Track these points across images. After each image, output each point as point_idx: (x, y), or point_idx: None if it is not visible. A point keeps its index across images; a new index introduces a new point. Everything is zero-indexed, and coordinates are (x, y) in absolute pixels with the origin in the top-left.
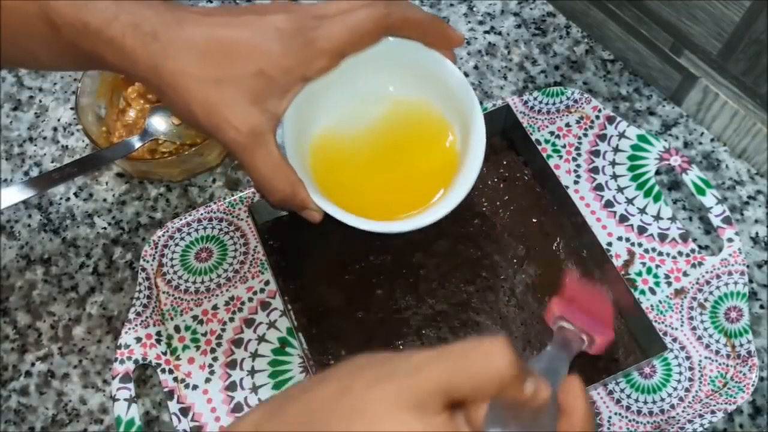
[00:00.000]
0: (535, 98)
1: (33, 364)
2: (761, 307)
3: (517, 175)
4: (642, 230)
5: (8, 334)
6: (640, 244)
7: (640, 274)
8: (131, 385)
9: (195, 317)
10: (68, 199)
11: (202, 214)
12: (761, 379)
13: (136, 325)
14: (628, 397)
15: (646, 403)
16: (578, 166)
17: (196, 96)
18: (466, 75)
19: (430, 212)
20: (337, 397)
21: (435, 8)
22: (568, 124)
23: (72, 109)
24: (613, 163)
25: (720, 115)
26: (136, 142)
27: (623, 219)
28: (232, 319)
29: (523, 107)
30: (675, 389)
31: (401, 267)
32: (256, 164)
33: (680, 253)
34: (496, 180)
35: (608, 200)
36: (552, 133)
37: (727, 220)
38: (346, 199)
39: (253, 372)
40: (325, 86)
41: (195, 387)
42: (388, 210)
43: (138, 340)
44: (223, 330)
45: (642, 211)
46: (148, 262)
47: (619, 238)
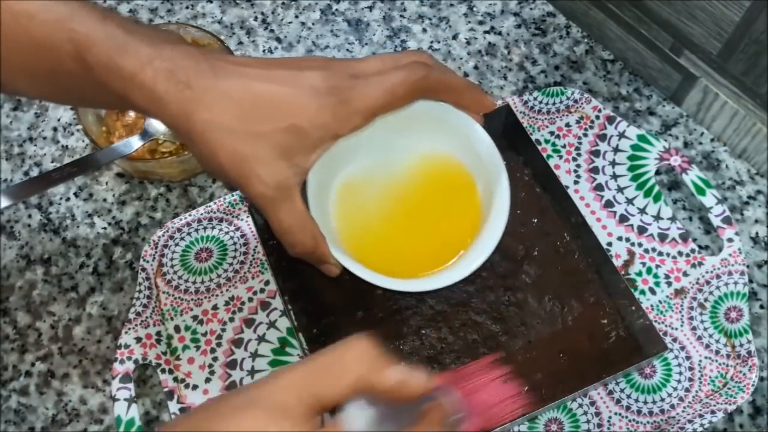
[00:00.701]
0: (535, 98)
1: (33, 364)
2: (761, 307)
3: (517, 175)
4: (642, 230)
5: (8, 334)
6: (640, 244)
7: (640, 274)
8: (131, 385)
9: (195, 317)
10: (68, 199)
11: (202, 214)
12: (761, 379)
13: (136, 325)
14: (628, 397)
15: (646, 403)
16: (578, 166)
17: (226, 148)
18: (466, 75)
19: (445, 275)
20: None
21: (435, 8)
22: (568, 124)
23: (72, 109)
24: (613, 163)
25: (720, 115)
26: (136, 142)
27: (623, 219)
28: (232, 319)
29: (523, 107)
30: (675, 389)
31: None
32: (280, 217)
33: (680, 253)
34: None
35: (608, 200)
36: (552, 133)
37: (727, 220)
38: (367, 251)
39: (253, 372)
40: (352, 139)
41: (195, 387)
42: (408, 266)
43: (138, 340)
44: (223, 330)
45: (642, 211)
46: (148, 262)
47: (619, 238)
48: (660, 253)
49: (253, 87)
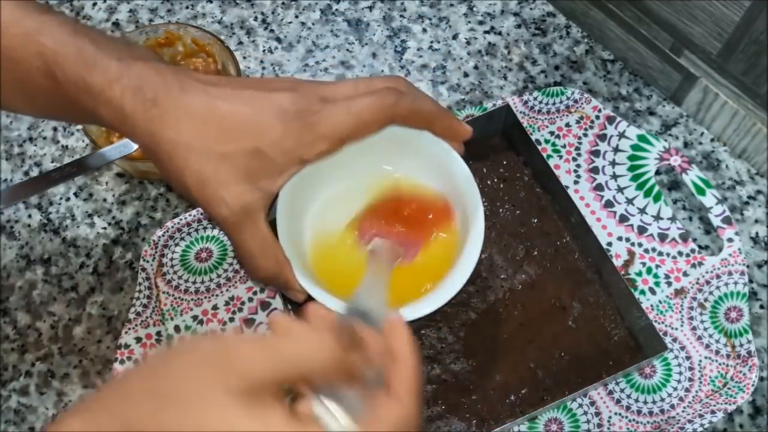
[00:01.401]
0: (535, 98)
1: (33, 364)
2: (761, 307)
3: (517, 175)
4: (642, 230)
5: (8, 334)
6: (640, 244)
7: (640, 274)
8: None
9: (195, 317)
10: (68, 199)
11: (202, 214)
12: (761, 379)
13: (136, 325)
14: (628, 397)
15: (646, 403)
16: (578, 166)
17: (191, 168)
18: (465, 75)
19: (417, 306)
20: (153, 381)
21: (435, 8)
22: (568, 124)
23: None
24: (613, 163)
25: (720, 115)
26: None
27: (623, 219)
28: (232, 319)
29: (523, 107)
30: (675, 389)
31: None
32: (243, 241)
33: (680, 253)
34: (496, 180)
35: (608, 200)
36: (552, 133)
37: (727, 220)
38: (339, 280)
39: None
40: (324, 166)
41: None
42: None
43: (138, 340)
44: (223, 330)
45: (642, 211)
46: (148, 262)
47: (619, 238)
48: (660, 253)
49: (220, 107)
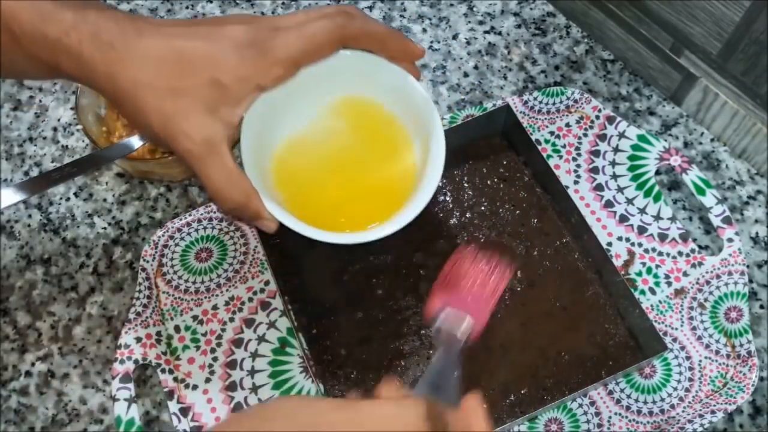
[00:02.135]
0: (535, 98)
1: (33, 364)
2: (761, 307)
3: (517, 175)
4: (642, 230)
5: (8, 334)
6: (640, 244)
7: (640, 274)
8: (131, 385)
9: (195, 317)
10: (68, 199)
11: (202, 214)
12: (761, 379)
13: (136, 325)
14: (628, 397)
15: (646, 403)
16: (578, 166)
17: (152, 105)
18: (465, 75)
19: (385, 226)
20: None
21: (435, 8)
22: (568, 124)
23: (72, 109)
24: (613, 163)
25: (720, 115)
26: (136, 142)
27: (623, 219)
28: (232, 319)
29: (523, 107)
30: (675, 389)
31: (401, 267)
32: (209, 173)
33: (680, 253)
34: (496, 180)
35: (608, 200)
36: (552, 133)
37: (727, 220)
38: (308, 209)
39: (253, 372)
40: (285, 98)
41: (195, 387)
42: (347, 221)
43: (138, 340)
44: (223, 330)
45: (642, 211)
46: (148, 262)
47: (619, 238)
48: (660, 253)
49: (175, 44)
